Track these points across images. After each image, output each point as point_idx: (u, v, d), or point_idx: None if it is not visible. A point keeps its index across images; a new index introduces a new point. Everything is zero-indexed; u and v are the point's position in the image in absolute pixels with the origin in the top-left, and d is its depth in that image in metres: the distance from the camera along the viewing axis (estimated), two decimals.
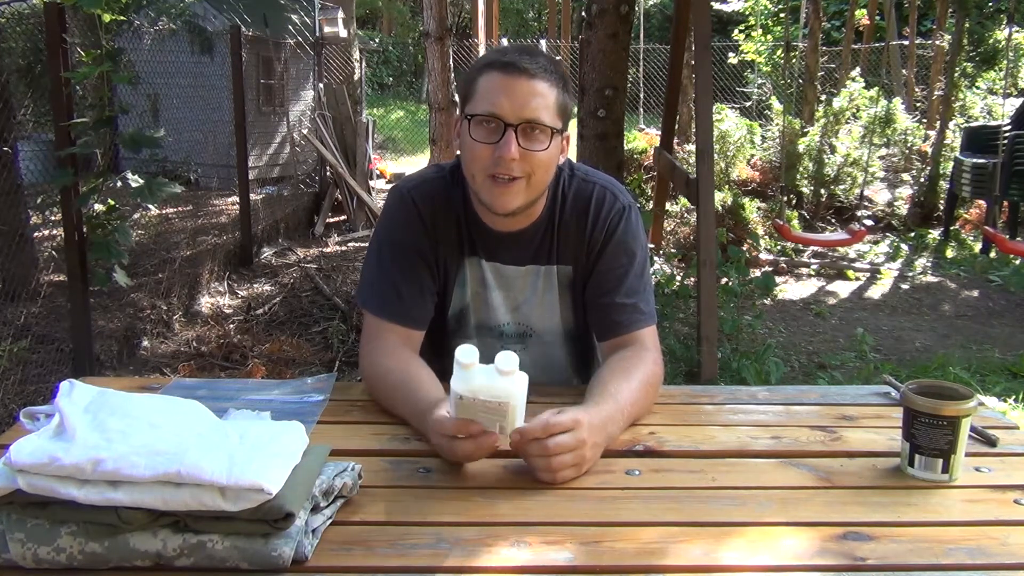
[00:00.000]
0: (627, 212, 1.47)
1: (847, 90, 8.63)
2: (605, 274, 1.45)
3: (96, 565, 0.88)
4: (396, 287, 1.42)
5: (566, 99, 1.36)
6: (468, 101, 1.35)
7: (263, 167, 9.58)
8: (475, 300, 1.49)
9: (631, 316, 1.43)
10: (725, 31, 14.59)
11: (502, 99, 1.30)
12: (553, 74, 1.34)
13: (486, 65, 1.35)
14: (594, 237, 1.45)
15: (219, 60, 7.75)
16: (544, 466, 1.09)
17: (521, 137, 1.30)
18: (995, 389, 4.02)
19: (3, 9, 6.61)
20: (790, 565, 0.93)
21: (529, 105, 1.30)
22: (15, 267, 4.41)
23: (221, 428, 1.00)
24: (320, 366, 4.26)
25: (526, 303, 1.50)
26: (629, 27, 4.14)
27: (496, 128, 1.31)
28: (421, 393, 1.26)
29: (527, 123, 1.30)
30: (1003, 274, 6.47)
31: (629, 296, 1.44)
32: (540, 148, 1.32)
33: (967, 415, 1.11)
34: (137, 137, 3.68)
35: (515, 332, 1.52)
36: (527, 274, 1.48)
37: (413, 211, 1.44)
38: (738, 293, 4.79)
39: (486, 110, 1.31)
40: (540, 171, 1.34)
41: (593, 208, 1.45)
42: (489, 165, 1.32)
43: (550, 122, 1.32)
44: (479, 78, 1.34)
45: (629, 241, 1.46)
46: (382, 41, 20.07)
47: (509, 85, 1.30)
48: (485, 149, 1.32)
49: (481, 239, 1.46)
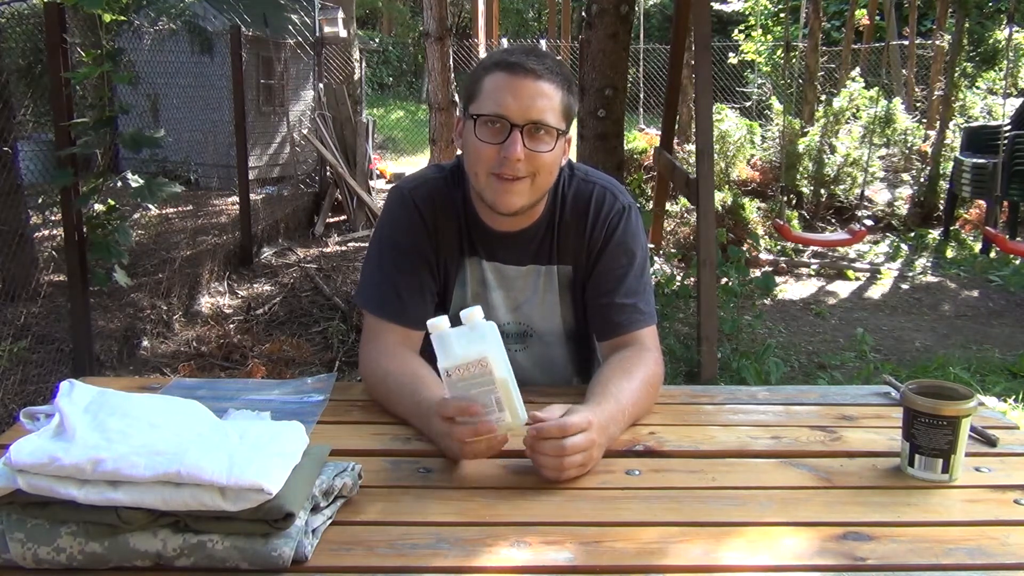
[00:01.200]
0: (627, 212, 1.47)
1: (847, 90, 8.63)
2: (605, 274, 1.45)
3: (96, 565, 0.88)
4: (396, 287, 1.42)
5: (571, 100, 1.37)
6: (473, 101, 1.35)
7: (263, 167, 9.57)
8: (475, 300, 1.49)
9: (631, 316, 1.43)
10: (725, 31, 14.59)
11: (508, 99, 1.30)
12: (559, 75, 1.34)
13: (492, 65, 1.35)
14: (594, 237, 1.45)
15: (219, 60, 7.75)
16: (555, 465, 1.09)
17: (526, 138, 1.31)
18: (995, 389, 4.02)
19: (3, 9, 6.61)
20: (790, 565, 0.93)
21: (535, 106, 1.30)
22: (15, 267, 4.41)
23: (221, 428, 1.00)
24: (320, 366, 4.26)
25: (527, 303, 1.50)
26: (629, 27, 4.14)
27: (502, 128, 1.31)
28: (422, 393, 1.26)
29: (533, 124, 1.31)
30: (1003, 274, 6.47)
31: (629, 296, 1.44)
32: (545, 149, 1.33)
33: (967, 415, 1.11)
34: (137, 137, 3.68)
35: (516, 332, 1.52)
36: (528, 274, 1.48)
37: (413, 211, 1.44)
38: (738, 293, 4.78)
39: (492, 110, 1.31)
40: (544, 172, 1.35)
41: (593, 208, 1.46)
42: (494, 165, 1.32)
43: (555, 123, 1.33)
44: (485, 78, 1.34)
45: (629, 241, 1.46)
46: (382, 41, 20.06)
47: (515, 86, 1.31)
48: (490, 149, 1.32)
49: (481, 239, 1.46)
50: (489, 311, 1.49)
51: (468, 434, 1.09)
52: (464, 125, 1.37)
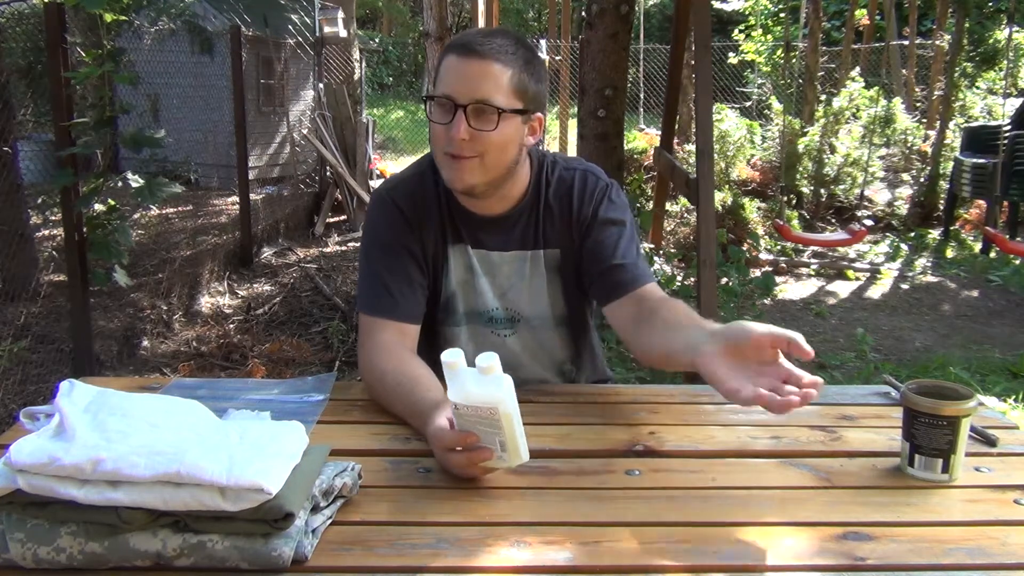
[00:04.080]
0: (610, 189, 1.51)
1: (847, 90, 8.62)
2: (598, 246, 1.47)
3: (96, 565, 0.88)
4: (385, 285, 1.44)
5: (526, 79, 1.37)
6: (434, 84, 1.40)
7: (263, 167, 9.57)
8: (462, 287, 1.51)
9: (633, 272, 1.44)
10: (725, 31, 14.59)
11: (454, 80, 1.34)
12: (510, 55, 1.35)
13: (448, 47, 1.39)
14: (582, 215, 1.48)
15: (219, 60, 7.73)
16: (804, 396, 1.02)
17: (472, 118, 1.33)
18: (995, 389, 4.02)
19: (3, 9, 6.61)
20: (790, 565, 0.93)
21: (480, 87, 1.33)
22: (15, 267, 4.41)
23: (221, 428, 1.00)
24: (320, 366, 4.26)
25: (512, 288, 1.51)
26: (629, 27, 4.14)
27: (448, 109, 1.34)
28: (419, 394, 1.26)
29: (476, 103, 1.33)
30: (1003, 274, 6.47)
31: (627, 258, 1.45)
32: (489, 128, 1.34)
33: (967, 415, 1.11)
34: (138, 137, 3.68)
35: (504, 317, 1.53)
36: (513, 259, 1.50)
37: (393, 210, 1.47)
38: (738, 293, 4.79)
39: (441, 91, 1.35)
40: (493, 151, 1.36)
41: (577, 188, 1.49)
42: (444, 144, 1.36)
43: (503, 103, 1.34)
44: (443, 61, 1.38)
45: (615, 213, 1.49)
46: (382, 41, 20.05)
47: (462, 67, 1.34)
48: (440, 129, 1.36)
49: (465, 225, 1.49)
50: (476, 297, 1.51)
51: (468, 464, 1.08)
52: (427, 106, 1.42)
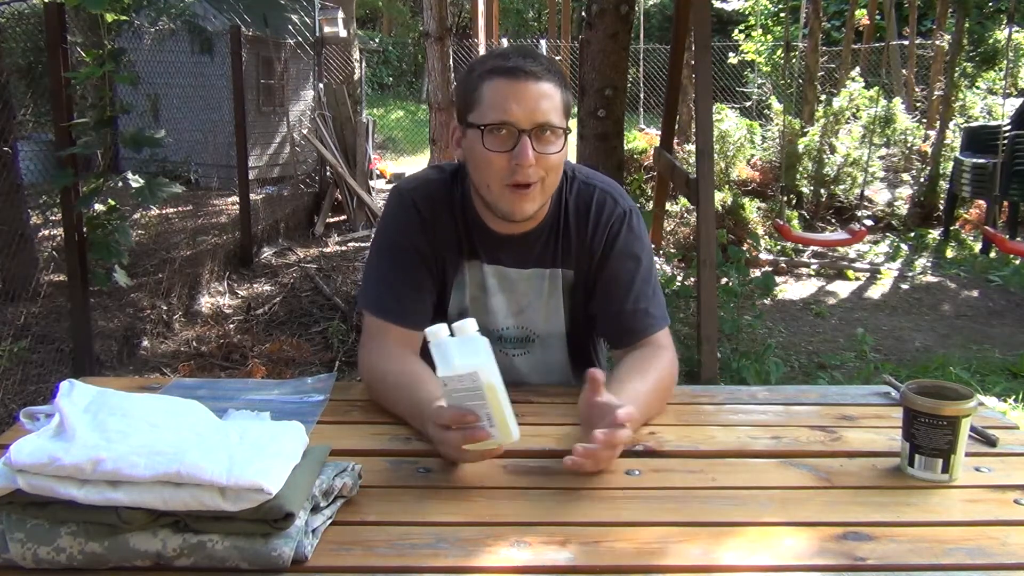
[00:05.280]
0: (628, 217, 1.46)
1: (847, 90, 8.62)
2: (612, 282, 1.44)
3: (96, 565, 0.88)
4: (394, 288, 1.42)
5: (568, 97, 1.36)
6: (472, 110, 1.33)
7: (263, 167, 9.57)
8: (473, 304, 1.47)
9: (644, 322, 1.44)
10: (725, 31, 14.59)
11: (512, 105, 1.28)
12: (555, 74, 1.33)
13: (488, 72, 1.32)
14: (595, 243, 1.44)
15: (219, 60, 7.73)
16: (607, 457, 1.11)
17: (535, 141, 1.29)
18: (995, 389, 4.02)
19: (3, 9, 6.61)
20: (790, 565, 0.93)
21: (540, 108, 1.29)
22: (15, 267, 4.41)
23: (221, 428, 1.00)
24: (320, 366, 4.26)
25: (530, 306, 1.49)
26: (629, 27, 4.14)
27: (509, 135, 1.29)
28: (420, 393, 1.25)
29: (539, 127, 1.29)
30: (1003, 274, 6.47)
31: (639, 302, 1.44)
32: (554, 151, 1.32)
33: (967, 415, 1.11)
34: (138, 137, 3.68)
35: (516, 336, 1.50)
36: (531, 277, 1.47)
37: (412, 211, 1.43)
38: (738, 293, 4.78)
39: (498, 118, 1.29)
40: (553, 173, 1.34)
41: (593, 213, 1.45)
42: (507, 175, 1.30)
43: (560, 123, 1.32)
44: (483, 85, 1.32)
45: (633, 246, 1.45)
46: (382, 41, 20.05)
47: (517, 90, 1.29)
48: (501, 158, 1.30)
49: (483, 242, 1.45)
50: (488, 316, 1.47)
51: (462, 442, 1.08)
52: (465, 135, 1.35)
